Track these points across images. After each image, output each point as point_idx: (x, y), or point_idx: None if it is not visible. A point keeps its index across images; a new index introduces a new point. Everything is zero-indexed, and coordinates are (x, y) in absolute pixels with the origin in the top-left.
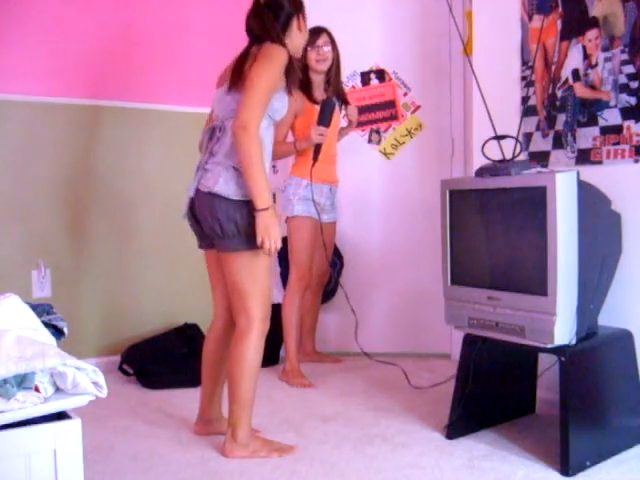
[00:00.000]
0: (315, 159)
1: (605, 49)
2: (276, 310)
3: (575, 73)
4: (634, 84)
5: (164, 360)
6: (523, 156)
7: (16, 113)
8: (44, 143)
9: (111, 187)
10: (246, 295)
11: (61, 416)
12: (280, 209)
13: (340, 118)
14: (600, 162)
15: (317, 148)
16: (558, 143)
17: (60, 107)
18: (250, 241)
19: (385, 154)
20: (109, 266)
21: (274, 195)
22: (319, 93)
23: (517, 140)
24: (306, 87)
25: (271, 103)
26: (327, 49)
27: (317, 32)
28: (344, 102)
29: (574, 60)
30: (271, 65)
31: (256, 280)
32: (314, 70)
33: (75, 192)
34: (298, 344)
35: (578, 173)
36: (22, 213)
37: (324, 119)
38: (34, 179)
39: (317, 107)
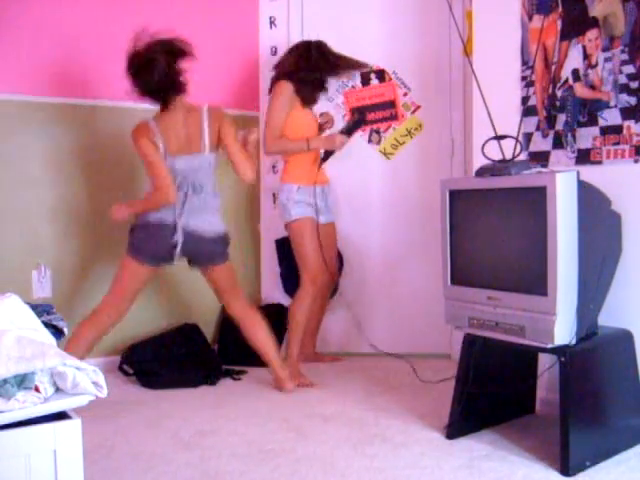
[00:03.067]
0: (323, 162)
1: (605, 49)
2: (275, 311)
3: (575, 73)
4: (634, 84)
5: (164, 360)
6: (523, 156)
7: (16, 113)
8: (44, 143)
9: (111, 187)
10: None
11: (61, 416)
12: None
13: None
14: (600, 162)
15: (330, 153)
16: (558, 143)
17: (60, 107)
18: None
19: (385, 154)
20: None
21: (273, 195)
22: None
23: (517, 140)
24: (313, 94)
25: None
26: None
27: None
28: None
29: (574, 60)
30: None
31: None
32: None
33: (75, 192)
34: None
35: (578, 173)
36: (22, 213)
37: (351, 131)
38: (34, 179)
39: (306, 110)
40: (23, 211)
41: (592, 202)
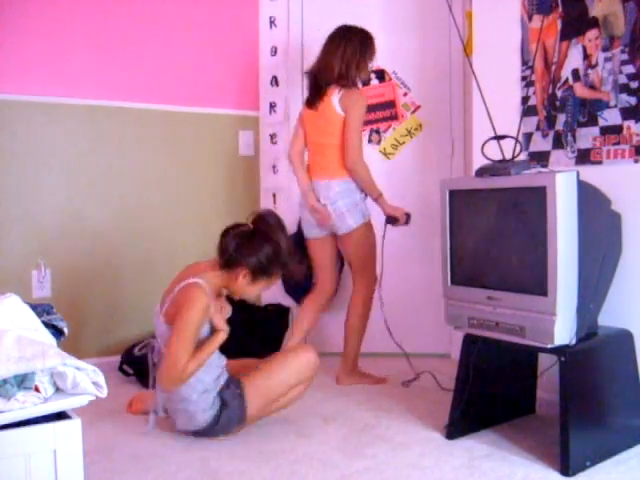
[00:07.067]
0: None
1: (605, 49)
2: (275, 311)
3: (575, 73)
4: (634, 84)
5: None
6: (523, 156)
7: (17, 113)
8: (45, 143)
9: (111, 187)
10: None
11: (61, 416)
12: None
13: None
14: (600, 162)
15: (392, 221)
16: (558, 143)
17: (61, 107)
18: None
19: (385, 154)
20: (109, 266)
21: (274, 195)
22: None
23: (517, 140)
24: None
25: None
26: None
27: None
28: None
29: (574, 60)
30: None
31: None
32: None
33: (75, 192)
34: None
35: (578, 173)
36: (22, 213)
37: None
38: (34, 179)
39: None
40: (23, 211)
41: (592, 202)
